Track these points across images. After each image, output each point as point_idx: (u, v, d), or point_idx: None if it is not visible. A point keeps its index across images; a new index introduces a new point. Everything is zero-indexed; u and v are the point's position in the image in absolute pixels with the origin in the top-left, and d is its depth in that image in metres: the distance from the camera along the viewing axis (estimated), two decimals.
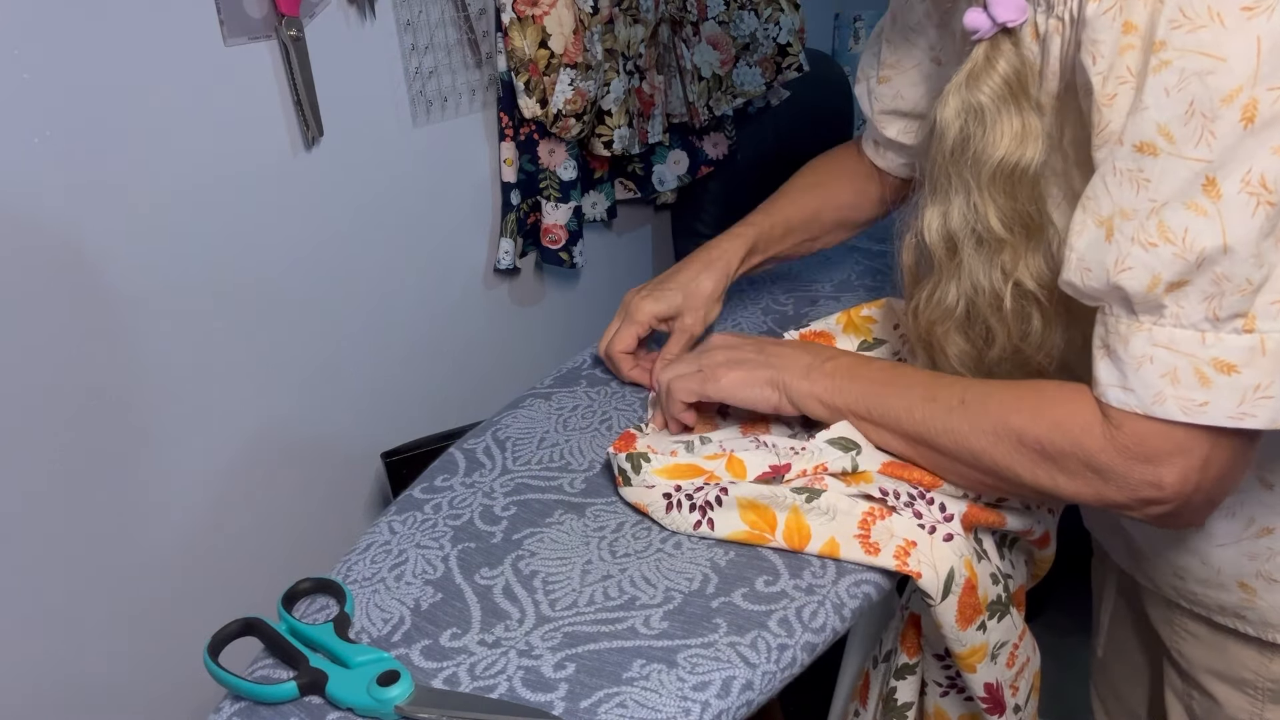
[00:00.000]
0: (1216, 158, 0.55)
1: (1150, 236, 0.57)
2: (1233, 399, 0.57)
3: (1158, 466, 0.61)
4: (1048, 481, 0.66)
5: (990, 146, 0.66)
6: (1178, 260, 0.56)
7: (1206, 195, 0.55)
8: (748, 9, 1.66)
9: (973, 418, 0.69)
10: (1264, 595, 0.75)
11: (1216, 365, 0.57)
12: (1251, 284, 0.56)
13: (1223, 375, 0.57)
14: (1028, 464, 0.66)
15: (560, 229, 1.52)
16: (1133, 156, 0.57)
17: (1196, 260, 0.56)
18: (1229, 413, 0.58)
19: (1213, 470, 0.61)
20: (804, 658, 0.66)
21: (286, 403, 1.33)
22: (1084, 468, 0.64)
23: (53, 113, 1.03)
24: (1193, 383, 0.58)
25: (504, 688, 0.64)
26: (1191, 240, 0.56)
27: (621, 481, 0.80)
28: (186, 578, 1.27)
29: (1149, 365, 0.59)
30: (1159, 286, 0.57)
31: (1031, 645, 0.83)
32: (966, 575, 0.72)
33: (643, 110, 1.56)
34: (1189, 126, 0.55)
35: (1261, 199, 0.54)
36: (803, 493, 0.73)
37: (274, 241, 1.26)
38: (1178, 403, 0.58)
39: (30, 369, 1.07)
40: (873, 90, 0.95)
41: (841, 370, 0.77)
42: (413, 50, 1.35)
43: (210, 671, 0.65)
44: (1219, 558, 0.76)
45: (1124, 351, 0.60)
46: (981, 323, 0.71)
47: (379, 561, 0.76)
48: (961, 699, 0.84)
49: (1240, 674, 0.80)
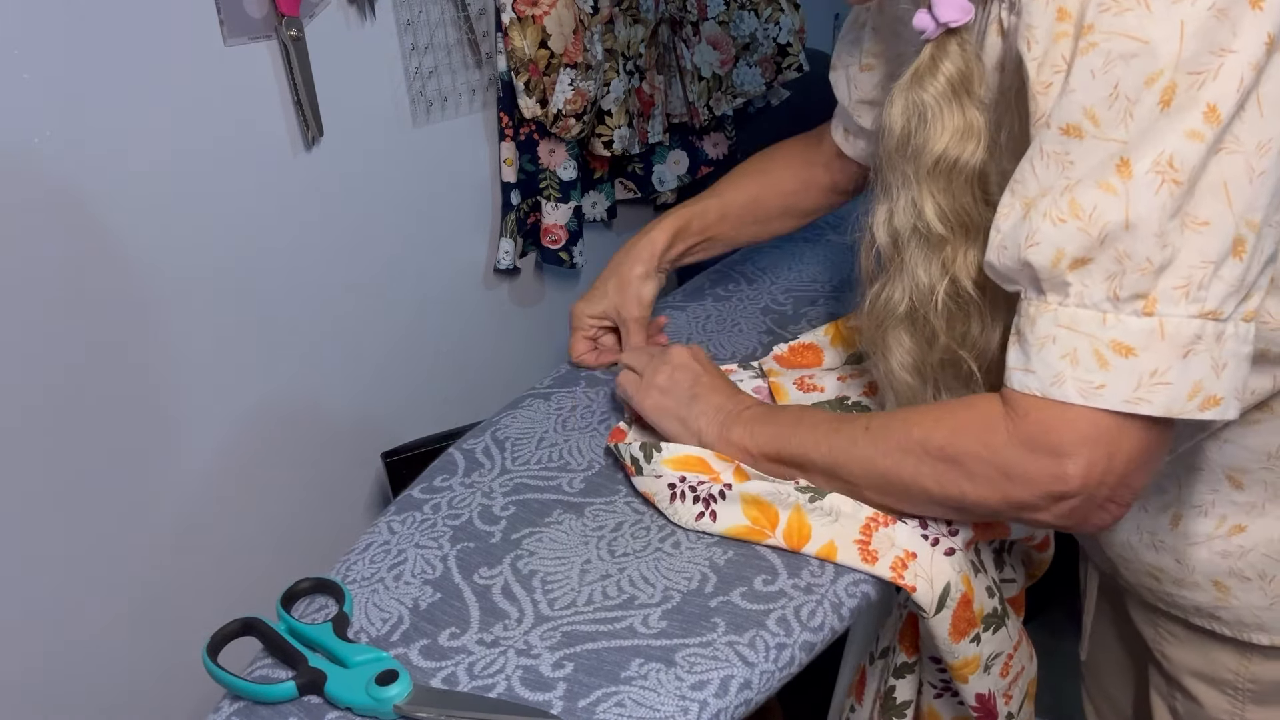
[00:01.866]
0: (1132, 138, 0.55)
1: (1060, 213, 0.57)
2: (1129, 383, 0.57)
3: (1062, 459, 0.60)
4: (954, 491, 0.65)
5: (931, 141, 0.66)
6: (1081, 235, 0.57)
7: (1119, 174, 0.55)
8: (748, 9, 1.66)
9: (877, 440, 0.69)
10: (1238, 594, 0.75)
11: (1115, 347, 0.57)
12: (1152, 264, 0.56)
13: (1120, 358, 0.57)
14: (933, 475, 0.66)
15: (560, 229, 1.52)
16: (1058, 139, 0.58)
17: (1099, 236, 0.56)
18: (1124, 396, 0.57)
19: (1119, 461, 0.59)
20: (802, 657, 0.67)
21: (286, 403, 1.34)
22: (989, 469, 0.63)
23: (53, 113, 1.03)
24: (1091, 364, 0.57)
25: (502, 687, 0.64)
26: (1097, 216, 0.56)
27: (634, 470, 0.81)
28: (186, 577, 1.27)
29: (1051, 346, 0.59)
30: (1063, 261, 0.57)
31: (1028, 654, 0.83)
32: (963, 590, 0.72)
33: (643, 110, 1.56)
34: (1113, 109, 0.55)
35: (1167, 177, 0.54)
36: (806, 492, 0.74)
37: (273, 241, 1.26)
38: (1075, 385, 0.58)
39: (30, 370, 1.08)
40: (852, 78, 0.95)
41: (756, 417, 0.78)
42: (413, 50, 1.35)
43: (209, 671, 0.65)
44: (1193, 557, 0.76)
45: (1030, 333, 0.60)
46: (924, 321, 0.72)
47: (378, 561, 0.76)
48: (955, 703, 0.84)
49: (1220, 674, 0.80)
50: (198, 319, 1.21)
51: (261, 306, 1.27)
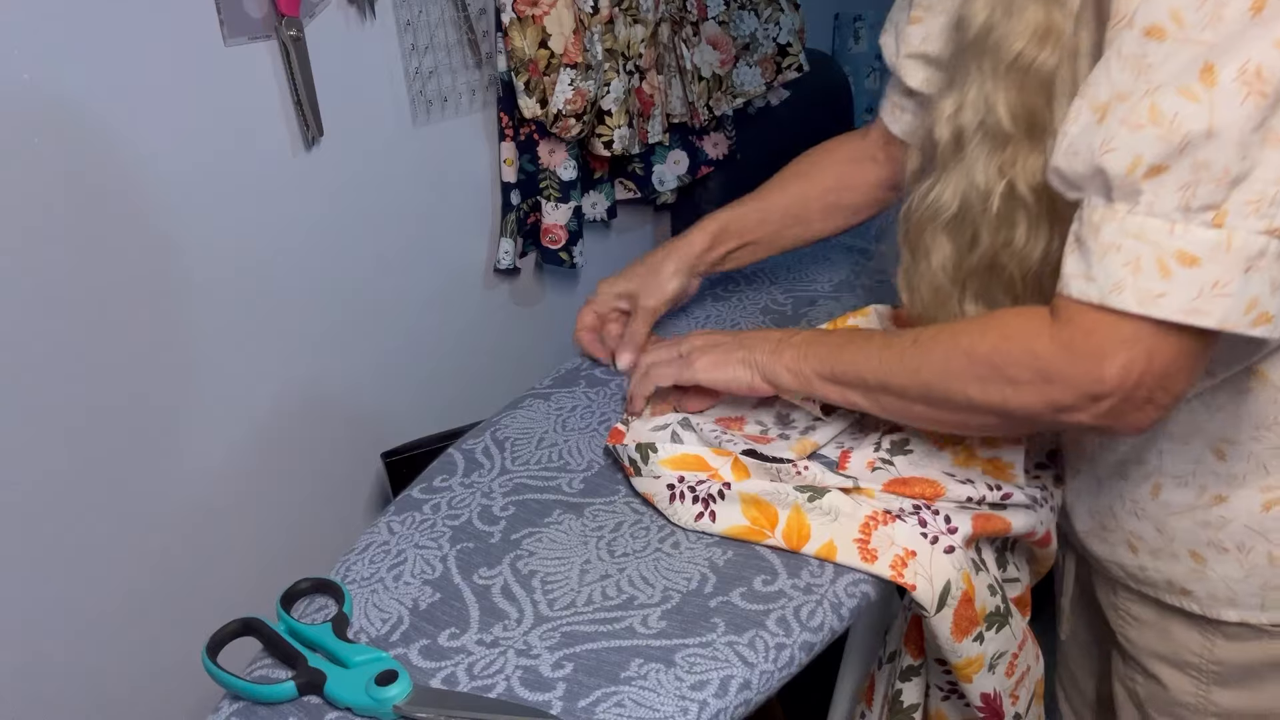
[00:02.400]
0: (1220, 42, 0.54)
1: (1139, 118, 0.57)
2: (1189, 292, 0.57)
3: (1102, 361, 0.61)
4: (998, 397, 0.66)
5: (1011, 38, 0.66)
6: (1161, 142, 0.56)
7: (1202, 81, 0.55)
8: (748, 9, 1.66)
9: (924, 351, 0.70)
10: (1214, 565, 0.76)
11: (1179, 257, 0.57)
12: (1229, 175, 0.55)
13: (1184, 268, 0.57)
14: (978, 382, 0.67)
15: (560, 229, 1.52)
16: (1139, 41, 0.57)
17: (1180, 144, 0.56)
18: (1183, 306, 0.57)
19: (1157, 365, 0.60)
20: (802, 657, 0.67)
21: (286, 403, 1.34)
22: (1031, 374, 0.64)
23: (53, 113, 1.03)
24: (1154, 273, 0.58)
25: (502, 687, 0.64)
26: (1178, 124, 0.56)
27: (632, 472, 0.81)
28: (185, 577, 1.27)
29: (1114, 254, 0.59)
30: (1139, 169, 0.57)
31: (1034, 654, 0.83)
32: (964, 588, 0.72)
33: (643, 110, 1.56)
34: (1201, 10, 0.55)
35: (1254, 89, 0.54)
36: (805, 491, 0.73)
37: (273, 241, 1.26)
38: (1135, 293, 0.58)
39: (29, 370, 1.08)
40: (901, 32, 0.93)
41: (806, 340, 0.80)
42: (413, 50, 1.35)
43: (209, 671, 0.65)
44: (1173, 526, 0.77)
45: (1093, 241, 0.60)
46: (970, 225, 0.71)
47: (377, 561, 0.76)
48: (962, 704, 0.84)
49: (1184, 657, 0.80)
50: (197, 319, 1.21)
51: (261, 306, 1.27)
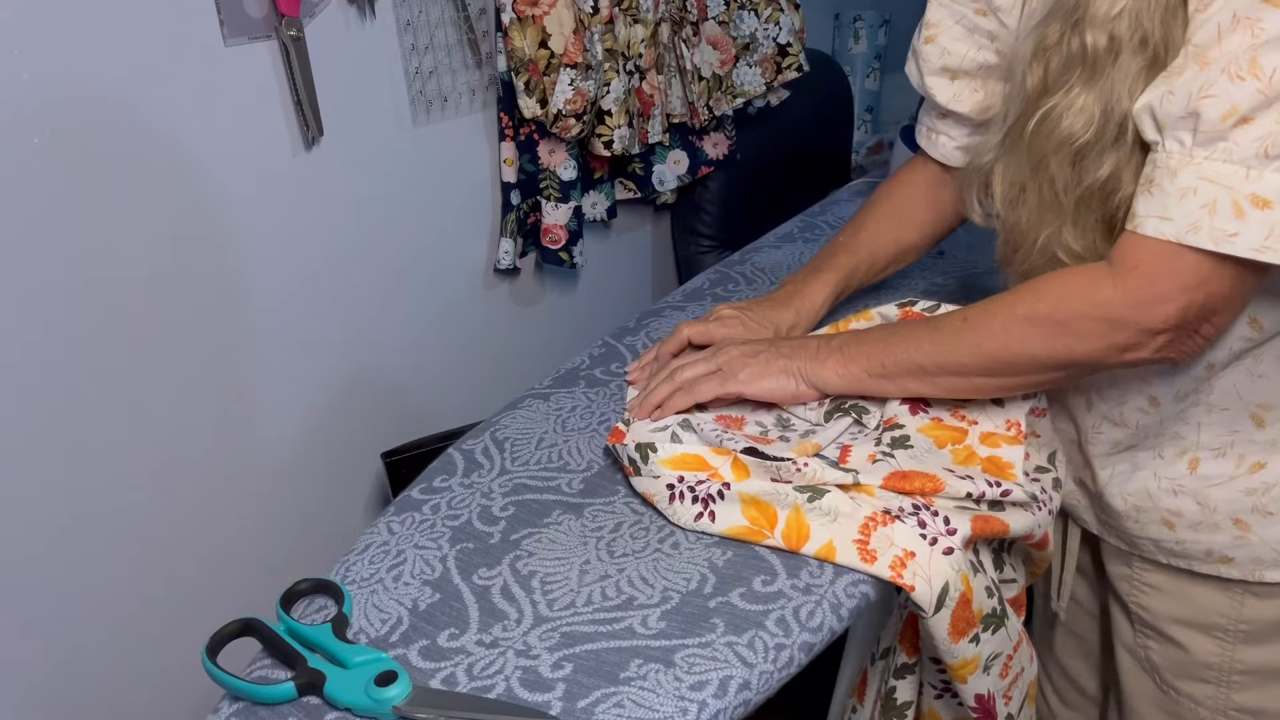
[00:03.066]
0: None
1: (1240, 70, 0.61)
2: (1261, 232, 0.62)
3: (1166, 304, 0.66)
4: (1063, 351, 0.71)
5: None
6: (1257, 94, 0.60)
7: None
8: (748, 9, 1.66)
9: (979, 326, 0.75)
10: (1259, 529, 0.77)
11: (1253, 200, 0.62)
12: None
13: (1257, 209, 0.62)
14: (1043, 340, 0.72)
15: (560, 229, 1.52)
16: (1256, 5, 0.60)
17: (1273, 97, 0.60)
18: (1255, 245, 0.62)
19: (1209, 299, 0.66)
20: (801, 657, 0.66)
21: (286, 403, 1.34)
22: (1095, 324, 0.69)
23: (53, 113, 1.03)
24: (1228, 214, 0.62)
25: (502, 688, 0.64)
26: (1276, 79, 0.60)
27: (632, 471, 0.81)
28: (185, 578, 1.27)
29: (1192, 197, 0.63)
30: (1232, 117, 0.61)
31: (1028, 655, 0.83)
32: (962, 590, 0.72)
33: (643, 110, 1.56)
34: None
35: None
36: (805, 491, 0.73)
37: (273, 241, 1.26)
38: (1210, 233, 0.63)
39: (29, 369, 1.08)
40: (919, 54, 0.93)
41: (846, 341, 0.82)
42: (413, 50, 1.35)
43: (208, 672, 0.65)
44: (1215, 497, 0.79)
45: (1170, 184, 0.64)
46: (1100, 149, 0.71)
47: (377, 562, 0.76)
48: (955, 703, 0.84)
49: (1210, 619, 0.82)
50: (196, 318, 1.21)
51: (260, 306, 1.27)
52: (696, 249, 1.83)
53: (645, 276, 1.90)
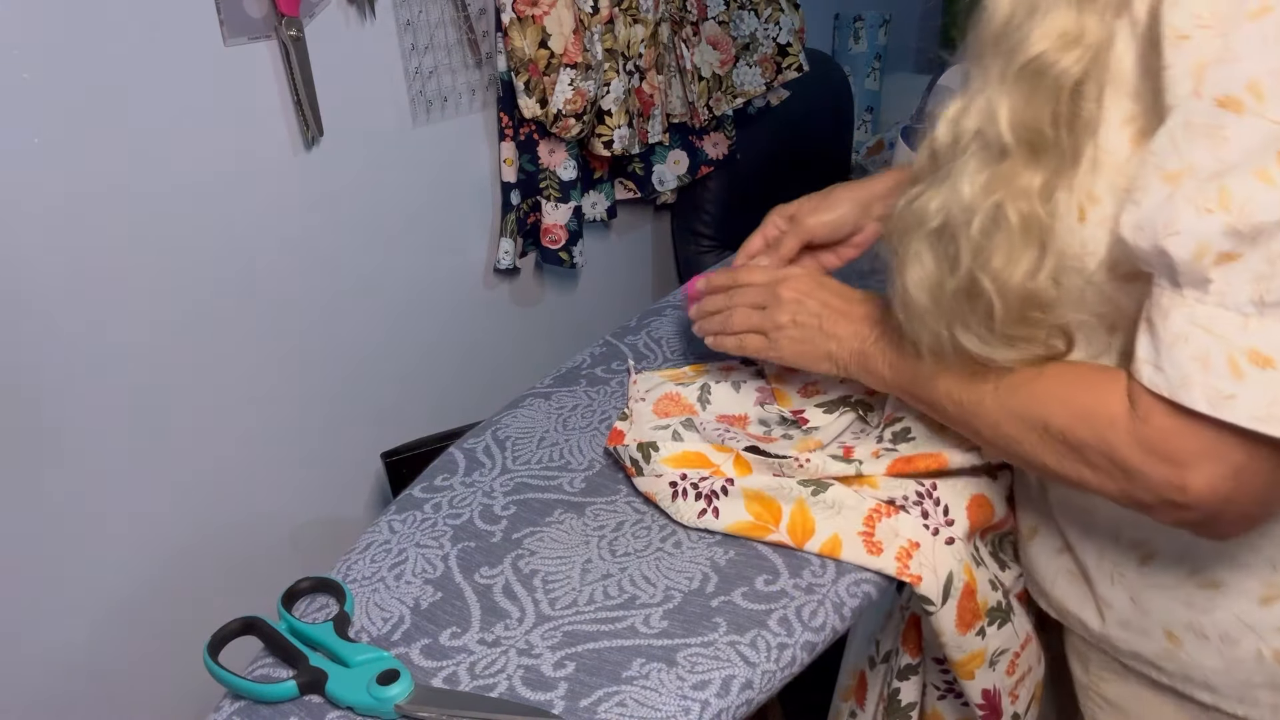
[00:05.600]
0: None
1: (1208, 202, 0.52)
2: (1263, 397, 0.52)
3: (1183, 470, 0.55)
4: (1074, 474, 0.62)
5: (1032, 38, 0.59)
6: (1229, 231, 0.51)
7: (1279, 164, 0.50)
8: (748, 9, 1.66)
9: (1004, 403, 0.66)
10: (1189, 649, 0.69)
11: (1252, 357, 0.52)
12: None
13: (1256, 368, 0.52)
14: (1054, 455, 0.63)
15: (560, 229, 1.52)
16: (1213, 111, 0.52)
17: (1251, 234, 0.51)
18: (1255, 412, 0.52)
19: (1247, 483, 0.55)
20: (804, 657, 0.66)
21: (286, 402, 1.33)
22: (1109, 463, 0.59)
23: (53, 113, 1.03)
24: (1224, 371, 0.53)
25: (504, 686, 0.64)
26: (1251, 210, 0.50)
27: (634, 471, 0.81)
28: (186, 576, 1.27)
29: (1183, 345, 0.54)
30: (1207, 257, 0.52)
31: (1036, 655, 0.82)
32: (965, 580, 0.72)
33: (643, 110, 1.56)
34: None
35: None
36: (809, 485, 0.73)
37: (274, 241, 1.26)
38: (1204, 391, 0.53)
39: (30, 369, 1.07)
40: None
41: (889, 347, 0.75)
42: (413, 50, 1.35)
43: (210, 671, 0.65)
44: (1150, 600, 0.70)
45: (1162, 326, 0.55)
46: (951, 242, 0.65)
47: (379, 561, 0.76)
48: (959, 703, 0.84)
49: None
50: (196, 318, 1.21)
51: (261, 306, 1.27)
52: (696, 249, 1.83)
53: (645, 276, 1.90)
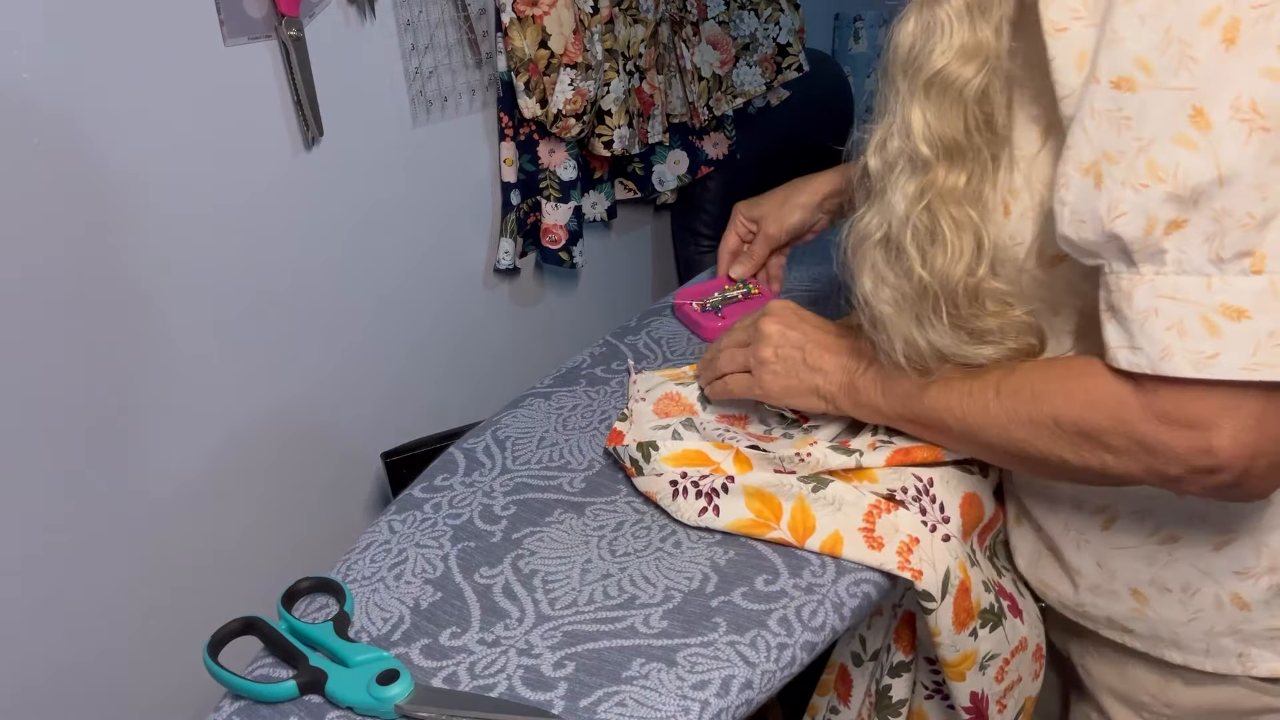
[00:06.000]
0: (1199, 85, 0.51)
1: (1140, 178, 0.54)
2: (1245, 348, 0.53)
3: (1205, 431, 0.55)
4: (1097, 464, 0.62)
5: (933, 56, 0.63)
6: (1171, 199, 0.53)
7: (1194, 127, 0.52)
8: (748, 9, 1.66)
9: (1009, 407, 0.66)
10: (1155, 605, 0.72)
11: (1225, 311, 0.53)
12: (1254, 218, 0.52)
13: (1232, 322, 0.53)
14: (1072, 448, 0.63)
15: (560, 229, 1.52)
16: (1110, 95, 0.54)
17: (1192, 196, 0.52)
18: (1242, 363, 0.53)
19: (1271, 430, 0.55)
20: (803, 657, 0.66)
21: (286, 402, 1.33)
22: (1129, 443, 0.59)
23: (52, 113, 1.03)
24: (1200, 333, 0.54)
25: (503, 686, 0.64)
26: (1184, 176, 0.52)
27: (634, 472, 0.81)
28: (186, 576, 1.27)
29: (1154, 319, 0.55)
30: (1157, 228, 0.54)
31: (1029, 669, 0.82)
32: (961, 577, 0.73)
33: (643, 110, 1.56)
34: (1167, 55, 0.52)
35: (1254, 124, 0.51)
36: (809, 482, 0.74)
37: (274, 241, 1.26)
38: (1186, 357, 0.54)
39: (31, 367, 1.07)
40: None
41: (880, 374, 0.75)
42: (413, 50, 1.35)
43: (210, 670, 0.65)
44: (1115, 561, 0.73)
45: (1129, 309, 0.56)
46: (899, 250, 0.68)
47: (379, 561, 0.76)
48: (944, 705, 0.84)
49: (1139, 696, 0.77)
50: (197, 318, 1.21)
51: (261, 306, 1.27)
52: (696, 249, 1.83)
53: (645, 276, 1.90)
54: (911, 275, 0.67)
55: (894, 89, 0.66)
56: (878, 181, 0.68)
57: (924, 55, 0.63)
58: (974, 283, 0.65)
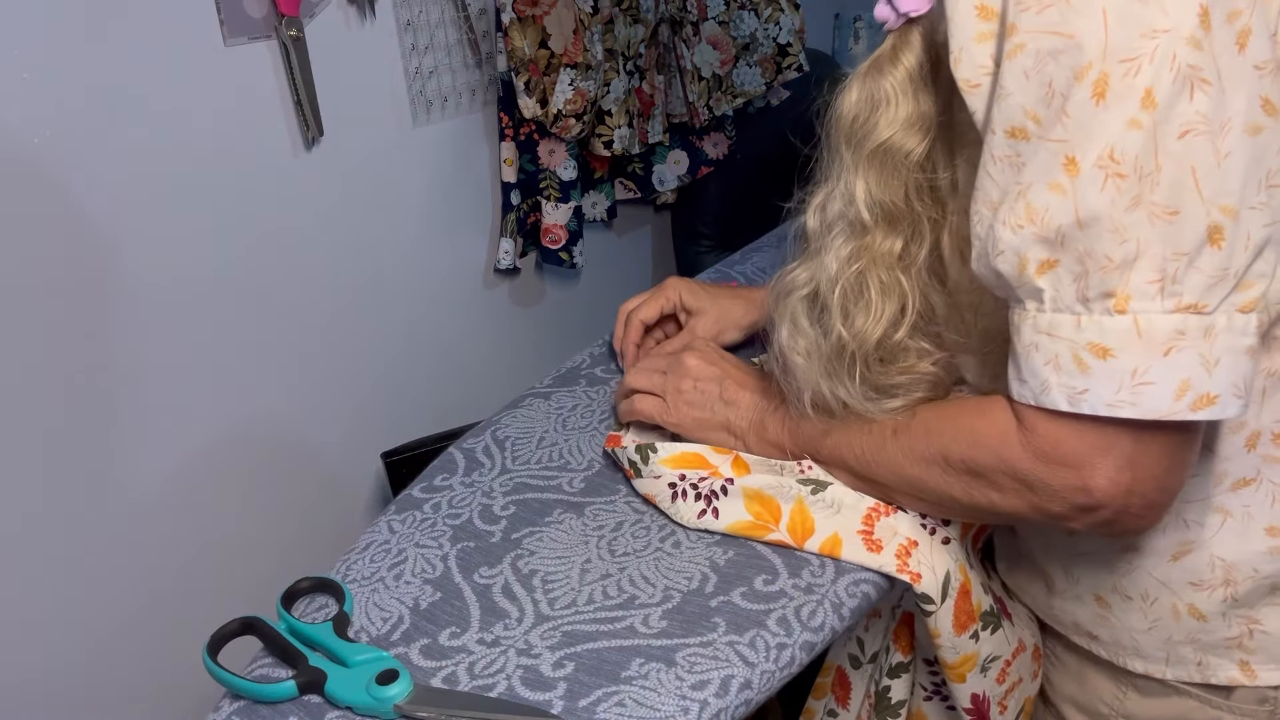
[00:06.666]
0: (1072, 136, 0.54)
1: (1017, 219, 0.56)
2: (1110, 386, 0.55)
3: (1080, 470, 0.58)
4: (984, 501, 0.65)
5: (879, 127, 0.65)
6: (1039, 240, 0.56)
7: (1066, 173, 0.54)
8: (748, 9, 1.66)
9: (904, 445, 0.69)
10: (1117, 612, 0.73)
11: (1092, 349, 0.55)
12: (1113, 260, 0.54)
13: (1098, 360, 0.55)
14: (961, 485, 0.65)
15: (560, 229, 1.52)
16: (1006, 142, 0.57)
17: (1057, 238, 0.55)
18: (1107, 400, 0.55)
19: (1143, 470, 0.58)
20: (803, 657, 0.66)
21: (286, 402, 1.34)
22: (1011, 481, 0.62)
23: (53, 113, 1.03)
24: (1072, 369, 0.56)
25: (503, 686, 0.64)
26: (1050, 218, 0.55)
27: (632, 474, 0.81)
28: (185, 576, 1.27)
29: (1035, 353, 0.58)
30: (1029, 267, 0.56)
31: (1029, 668, 0.82)
32: (961, 580, 0.73)
33: (643, 110, 1.56)
34: (1050, 108, 0.54)
35: (1110, 171, 0.53)
36: (808, 484, 0.74)
37: (274, 241, 1.26)
38: (1062, 391, 0.57)
39: (29, 366, 1.07)
40: None
41: (792, 419, 0.77)
42: (413, 50, 1.35)
43: (209, 670, 0.65)
44: (1079, 568, 0.74)
45: (1017, 341, 0.59)
46: (822, 310, 0.70)
47: (378, 561, 0.76)
48: (944, 707, 0.84)
49: (1096, 707, 0.78)
50: (198, 318, 1.21)
51: (261, 306, 1.27)
52: (696, 249, 1.83)
53: (645, 276, 1.90)
54: (830, 332, 0.69)
55: (837, 156, 0.68)
56: (814, 241, 0.71)
57: (869, 127, 0.66)
58: (891, 345, 0.67)
